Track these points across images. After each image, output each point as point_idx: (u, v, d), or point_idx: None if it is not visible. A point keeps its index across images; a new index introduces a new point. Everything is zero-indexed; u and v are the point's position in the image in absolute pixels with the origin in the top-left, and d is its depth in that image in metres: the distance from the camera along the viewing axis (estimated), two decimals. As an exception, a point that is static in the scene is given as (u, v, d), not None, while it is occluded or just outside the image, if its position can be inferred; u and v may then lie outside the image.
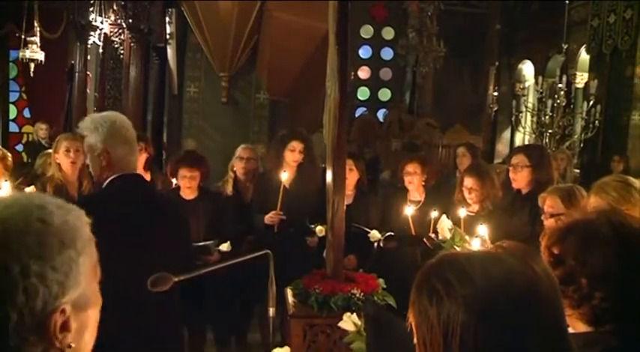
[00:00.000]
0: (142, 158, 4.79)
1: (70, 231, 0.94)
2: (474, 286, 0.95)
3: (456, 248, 3.37)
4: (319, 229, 4.08)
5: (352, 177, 4.27)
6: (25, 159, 9.11)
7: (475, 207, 3.99)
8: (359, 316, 2.39)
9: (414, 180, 4.34)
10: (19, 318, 0.85)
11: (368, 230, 4.14)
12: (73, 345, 0.92)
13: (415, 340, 1.02)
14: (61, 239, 0.91)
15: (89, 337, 0.97)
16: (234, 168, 4.80)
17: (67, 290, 0.90)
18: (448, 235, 3.50)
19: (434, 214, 3.85)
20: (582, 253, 1.37)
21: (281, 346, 2.15)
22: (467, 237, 3.48)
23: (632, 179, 2.80)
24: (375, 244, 4.14)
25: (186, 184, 4.10)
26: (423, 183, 4.40)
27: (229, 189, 4.70)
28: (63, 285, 0.89)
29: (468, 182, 3.97)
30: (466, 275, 0.97)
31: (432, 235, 3.72)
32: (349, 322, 2.38)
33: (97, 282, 0.99)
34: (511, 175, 3.69)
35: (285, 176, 4.16)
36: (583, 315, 1.36)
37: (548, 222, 3.04)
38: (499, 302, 0.94)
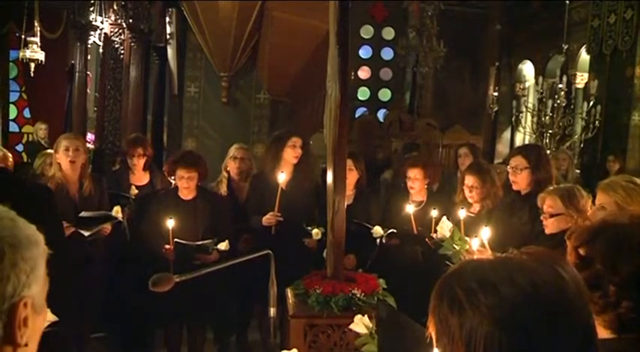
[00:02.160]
0: (140, 162, 4.80)
1: (35, 234, 0.97)
2: (498, 295, 0.89)
3: (455, 247, 3.38)
4: (315, 232, 4.09)
5: (352, 177, 4.28)
6: (25, 159, 9.12)
7: (476, 207, 4.00)
8: (370, 318, 2.38)
9: (415, 184, 4.35)
10: None
11: (370, 226, 4.15)
12: (28, 344, 0.93)
13: (435, 350, 0.97)
14: (27, 235, 0.95)
15: (34, 346, 0.97)
16: (228, 168, 4.81)
17: (31, 284, 0.92)
18: (447, 234, 3.50)
19: (434, 213, 3.86)
20: (613, 259, 1.30)
21: (287, 349, 2.15)
22: (467, 238, 3.48)
23: (639, 180, 2.82)
24: (377, 240, 4.14)
25: (184, 185, 4.10)
26: (426, 186, 4.41)
27: (223, 189, 4.71)
28: (29, 278, 0.91)
29: (469, 180, 3.99)
30: (490, 283, 0.91)
31: (434, 235, 3.73)
32: (360, 324, 2.37)
33: (45, 294, 1.00)
34: (511, 178, 3.67)
35: (283, 177, 4.16)
36: (606, 322, 1.30)
37: (548, 222, 3.05)
38: (524, 312, 0.88)
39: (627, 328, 1.29)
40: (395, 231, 4.13)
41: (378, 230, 4.12)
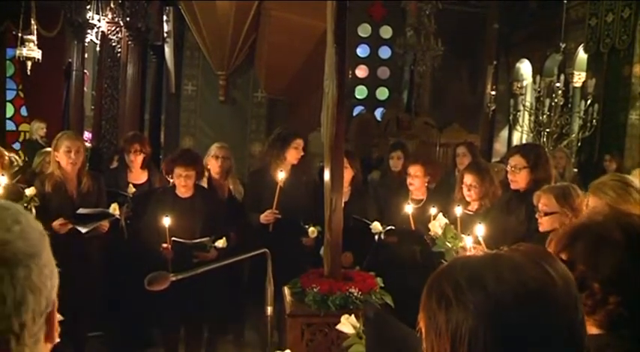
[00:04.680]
0: (138, 159, 4.80)
1: (37, 224, 0.92)
2: (484, 291, 0.90)
3: (448, 244, 3.37)
4: (311, 230, 4.09)
5: (347, 174, 4.27)
6: (22, 158, 9.09)
7: (474, 205, 4.00)
8: (357, 317, 2.37)
9: (415, 181, 4.35)
10: (31, 321, 0.84)
11: (369, 222, 4.15)
12: (58, 339, 0.92)
13: (424, 345, 0.97)
14: (40, 232, 0.90)
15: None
16: (209, 166, 4.82)
17: (54, 285, 0.90)
18: (440, 231, 3.50)
19: (433, 211, 3.86)
20: (592, 257, 1.32)
21: (281, 349, 2.14)
22: (462, 236, 3.48)
23: (630, 178, 2.79)
24: (376, 237, 4.14)
25: (182, 183, 4.10)
26: (426, 184, 4.41)
27: None
28: (51, 280, 0.89)
29: (468, 179, 3.99)
30: (478, 279, 0.92)
31: (431, 233, 3.73)
32: (347, 324, 2.36)
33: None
34: (510, 177, 3.66)
35: (282, 175, 4.16)
36: (598, 321, 1.31)
37: (542, 220, 3.05)
38: (508, 307, 0.89)
39: (618, 324, 1.30)
40: (393, 227, 4.13)
41: (376, 226, 4.13)
